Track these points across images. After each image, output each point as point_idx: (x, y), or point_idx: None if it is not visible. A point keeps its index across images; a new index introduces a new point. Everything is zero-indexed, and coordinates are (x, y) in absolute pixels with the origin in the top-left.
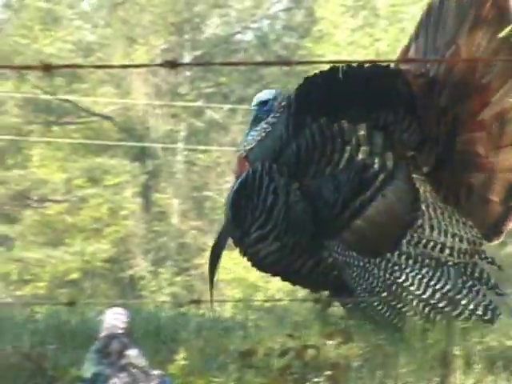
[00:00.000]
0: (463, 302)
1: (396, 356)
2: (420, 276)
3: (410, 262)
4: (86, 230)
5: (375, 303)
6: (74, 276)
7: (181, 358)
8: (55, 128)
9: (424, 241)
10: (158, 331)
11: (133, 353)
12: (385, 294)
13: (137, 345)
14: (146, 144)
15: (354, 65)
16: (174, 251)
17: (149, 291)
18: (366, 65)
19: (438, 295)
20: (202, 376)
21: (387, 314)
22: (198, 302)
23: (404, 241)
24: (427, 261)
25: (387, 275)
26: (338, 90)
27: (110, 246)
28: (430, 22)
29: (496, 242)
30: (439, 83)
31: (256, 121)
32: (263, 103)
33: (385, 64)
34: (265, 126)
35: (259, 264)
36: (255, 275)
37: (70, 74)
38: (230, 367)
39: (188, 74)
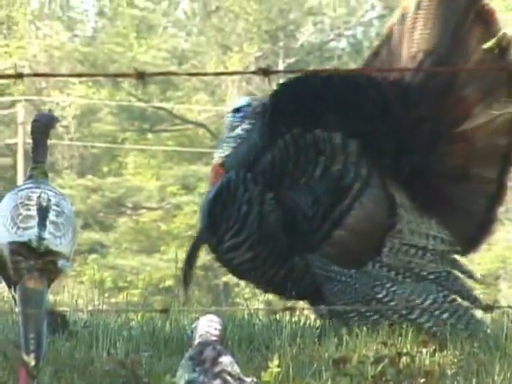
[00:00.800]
0: (444, 317)
1: (491, 364)
2: (400, 291)
3: (392, 274)
4: (180, 237)
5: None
6: (169, 283)
7: (274, 366)
8: (150, 135)
9: (405, 248)
10: (252, 338)
11: (226, 360)
12: (364, 309)
13: (230, 352)
14: None
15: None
16: None
17: (243, 298)
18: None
19: (417, 311)
20: (295, 383)
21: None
22: (291, 309)
23: (385, 249)
24: (408, 274)
25: (368, 290)
26: (312, 97)
27: (204, 254)
28: (404, 26)
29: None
30: (416, 92)
31: (231, 128)
32: (237, 110)
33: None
34: (240, 132)
35: (234, 271)
36: None
37: (165, 82)
38: (324, 374)
39: (282, 81)
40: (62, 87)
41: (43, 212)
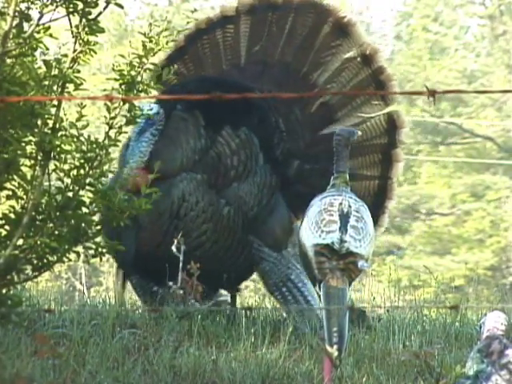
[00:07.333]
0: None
1: None
2: (303, 275)
3: (294, 259)
4: (470, 240)
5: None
6: (459, 282)
7: None
8: (441, 148)
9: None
10: None
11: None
12: (284, 289)
13: None
14: None
15: None
16: None
17: None
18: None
19: (315, 296)
20: None
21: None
22: None
23: (290, 239)
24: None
25: (286, 271)
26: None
27: (492, 256)
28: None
29: None
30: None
31: (140, 134)
32: (149, 118)
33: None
34: (151, 137)
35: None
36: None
37: (455, 99)
38: None
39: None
40: None
41: (344, 217)
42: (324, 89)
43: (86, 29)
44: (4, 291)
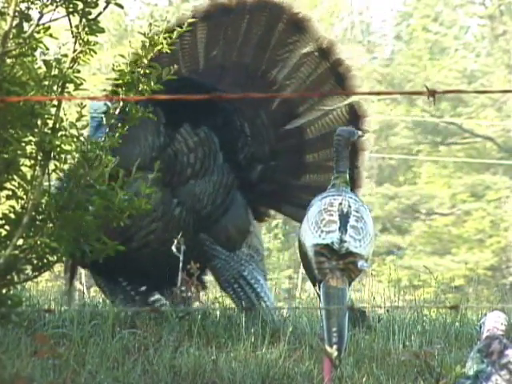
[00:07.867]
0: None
1: None
2: (256, 272)
3: (248, 258)
4: (470, 240)
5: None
6: (459, 282)
7: None
8: (441, 148)
9: (252, 245)
10: None
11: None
12: (236, 285)
13: None
14: None
15: None
16: None
17: None
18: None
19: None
20: None
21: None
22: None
23: (245, 240)
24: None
25: (238, 268)
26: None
27: (492, 256)
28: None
29: None
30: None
31: (97, 128)
32: (104, 113)
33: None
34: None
35: (133, 266)
36: None
37: (455, 99)
38: None
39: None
40: None
41: (344, 217)
42: (284, 85)
43: (86, 29)
44: (4, 291)
